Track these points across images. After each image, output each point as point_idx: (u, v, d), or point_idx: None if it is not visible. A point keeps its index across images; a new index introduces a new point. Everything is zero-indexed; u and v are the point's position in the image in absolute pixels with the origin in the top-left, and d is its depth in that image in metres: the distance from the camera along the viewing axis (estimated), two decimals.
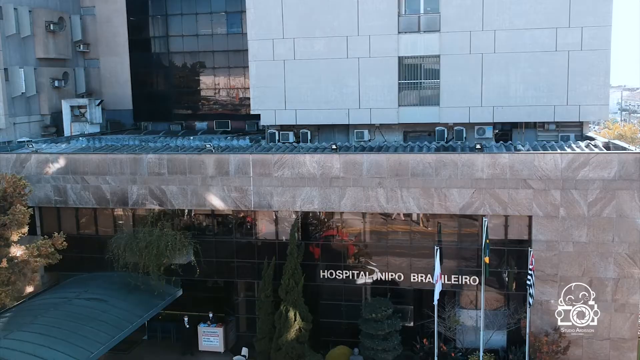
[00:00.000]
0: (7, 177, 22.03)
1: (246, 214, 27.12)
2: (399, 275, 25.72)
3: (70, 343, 21.48)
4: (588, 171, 23.29)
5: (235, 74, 37.76)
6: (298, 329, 24.92)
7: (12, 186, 21.53)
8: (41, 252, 21.43)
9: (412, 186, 24.67)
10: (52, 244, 21.89)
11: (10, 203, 21.45)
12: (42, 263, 22.09)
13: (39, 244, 21.80)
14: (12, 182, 21.66)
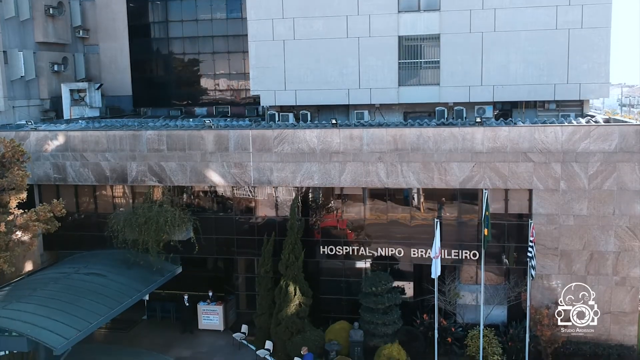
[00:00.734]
0: (6, 141, 21.93)
1: (246, 191, 26.99)
2: (399, 251, 25.63)
3: (69, 314, 21.39)
4: (589, 144, 23.23)
5: (235, 59, 37.58)
6: (298, 303, 24.83)
7: (10, 151, 21.43)
8: (40, 217, 21.32)
9: (412, 160, 24.61)
10: (50, 209, 21.76)
11: (8, 169, 21.34)
12: (41, 228, 21.91)
13: (38, 209, 21.72)
14: (11, 147, 21.56)
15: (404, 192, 25.64)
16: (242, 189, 26.84)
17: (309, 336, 24.65)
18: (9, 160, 21.36)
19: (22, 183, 21.43)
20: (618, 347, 23.62)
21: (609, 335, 23.98)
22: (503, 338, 24.11)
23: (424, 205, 25.53)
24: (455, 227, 25.18)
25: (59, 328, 20.34)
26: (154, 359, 25.77)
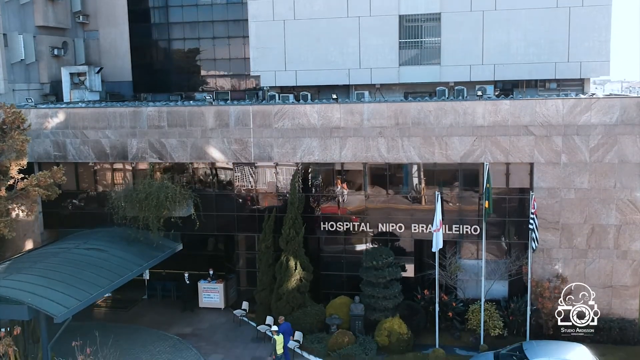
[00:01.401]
0: (5, 107, 21.86)
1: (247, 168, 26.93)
2: (399, 226, 25.58)
3: (70, 285, 21.34)
4: (590, 116, 23.20)
5: (235, 44, 37.48)
6: (299, 278, 24.79)
7: (11, 117, 21.37)
8: (40, 182, 21.24)
9: (413, 135, 24.57)
10: (51, 175, 21.70)
11: (7, 134, 21.21)
12: (41, 194, 21.79)
13: (39, 174, 21.67)
14: (11, 112, 21.49)
15: (404, 167, 25.53)
16: (243, 165, 26.73)
17: (310, 311, 24.61)
18: (10, 126, 21.28)
19: (23, 148, 21.37)
20: (619, 320, 23.56)
21: (610, 309, 23.92)
22: (504, 312, 24.07)
23: (425, 181, 25.42)
24: (456, 201, 25.10)
25: (59, 297, 20.28)
26: (154, 336, 25.68)
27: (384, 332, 23.07)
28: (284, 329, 22.53)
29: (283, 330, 22.31)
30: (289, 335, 22.69)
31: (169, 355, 23.99)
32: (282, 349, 21.50)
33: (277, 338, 21.41)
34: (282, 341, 21.51)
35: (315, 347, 23.32)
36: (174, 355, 23.98)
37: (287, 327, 22.95)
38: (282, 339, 21.61)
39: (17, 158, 21.35)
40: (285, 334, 22.14)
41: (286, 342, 22.18)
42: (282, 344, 21.50)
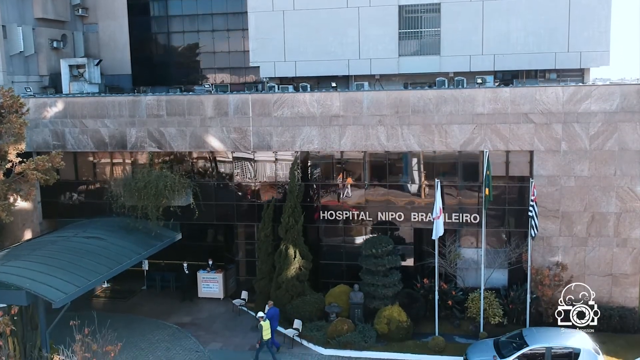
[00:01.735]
0: (3, 90, 21.76)
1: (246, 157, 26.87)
2: (399, 215, 25.51)
3: (68, 272, 21.26)
4: (590, 104, 23.14)
5: (234, 37, 37.40)
6: (298, 267, 24.72)
7: (9, 100, 21.27)
8: (38, 166, 21.15)
9: (413, 123, 24.51)
10: (49, 159, 21.61)
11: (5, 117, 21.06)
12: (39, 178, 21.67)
13: (37, 158, 21.60)
14: (9, 96, 21.39)
15: (404, 156, 25.44)
16: (243, 154, 26.66)
17: (309, 299, 24.55)
18: (8, 110, 21.18)
19: (21, 132, 21.29)
20: (619, 309, 23.48)
21: (610, 297, 23.87)
22: (504, 301, 24.00)
23: (425, 169, 25.34)
24: (455, 190, 25.03)
25: (57, 283, 20.21)
26: (153, 325, 25.62)
27: (384, 320, 23.00)
28: (272, 314, 22.58)
29: (270, 315, 22.39)
30: (277, 321, 22.83)
31: (168, 344, 23.94)
32: (270, 334, 21.57)
33: (264, 324, 21.45)
34: (268, 327, 21.50)
35: (315, 335, 23.25)
36: (173, 344, 23.93)
37: (275, 312, 23.01)
38: (269, 325, 21.61)
39: (15, 142, 21.27)
40: (272, 319, 22.29)
41: (274, 327, 22.35)
42: (269, 330, 21.53)
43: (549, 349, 19.63)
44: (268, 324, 21.57)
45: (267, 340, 21.54)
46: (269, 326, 21.58)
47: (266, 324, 21.51)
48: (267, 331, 21.47)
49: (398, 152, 25.10)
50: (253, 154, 26.45)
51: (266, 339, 21.51)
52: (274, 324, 22.43)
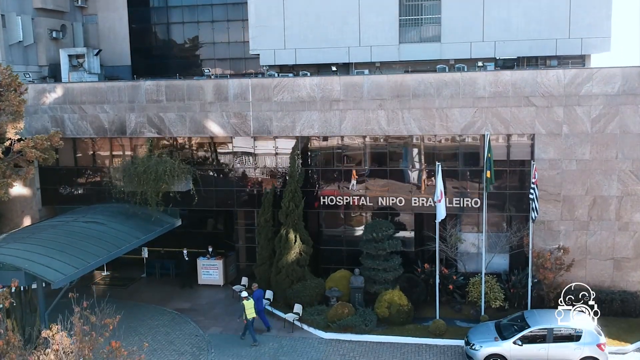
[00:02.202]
0: (1, 68, 21.62)
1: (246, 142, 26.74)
2: (399, 200, 25.40)
3: (67, 254, 21.18)
4: (591, 86, 23.04)
5: (234, 27, 37.32)
6: (298, 252, 24.61)
7: (7, 78, 21.13)
8: (37, 145, 21.03)
9: (413, 107, 24.41)
10: (48, 138, 21.48)
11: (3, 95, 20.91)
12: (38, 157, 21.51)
13: (36, 137, 21.47)
14: (8, 74, 21.25)
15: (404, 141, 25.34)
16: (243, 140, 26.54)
17: (309, 284, 24.43)
18: (6, 88, 21.04)
19: (19, 109, 21.14)
20: (621, 293, 23.37)
21: (612, 281, 23.76)
22: (505, 285, 23.87)
23: (425, 154, 25.22)
24: (456, 174, 24.92)
25: (56, 265, 20.13)
26: (152, 311, 25.50)
27: (384, 303, 22.89)
28: (257, 295, 22.89)
29: (256, 297, 22.71)
30: (262, 302, 23.10)
31: (167, 329, 23.83)
32: (253, 313, 21.99)
33: (246, 303, 21.80)
34: (251, 306, 21.90)
35: (315, 319, 23.13)
36: (173, 329, 23.82)
37: (260, 294, 23.21)
38: (252, 304, 21.98)
39: (14, 120, 21.14)
40: (258, 300, 22.65)
41: (259, 307, 22.72)
42: (252, 309, 21.93)
43: (550, 329, 19.51)
44: (251, 303, 21.94)
45: (251, 319, 21.90)
46: (252, 305, 21.94)
47: (249, 303, 21.86)
48: (250, 310, 21.85)
49: (399, 137, 24.95)
50: (253, 140, 26.28)
51: (250, 317, 21.85)
52: (260, 304, 22.75)
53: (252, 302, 21.99)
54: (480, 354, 19.76)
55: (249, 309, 21.82)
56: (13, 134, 21.10)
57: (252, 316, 21.89)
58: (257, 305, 22.40)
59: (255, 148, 26.53)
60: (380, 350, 21.57)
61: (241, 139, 26.30)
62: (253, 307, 21.95)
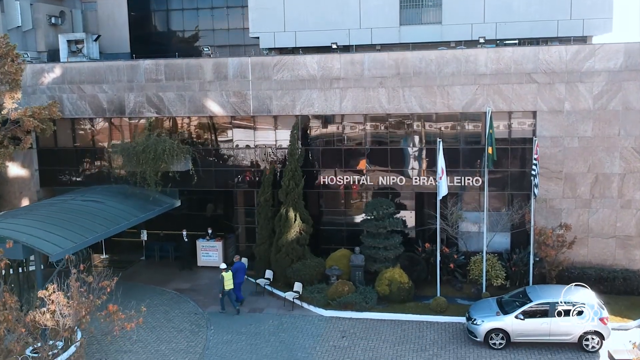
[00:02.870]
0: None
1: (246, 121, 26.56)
2: (400, 179, 25.22)
3: (66, 229, 20.99)
4: (593, 63, 22.87)
5: (233, 14, 37.13)
6: (298, 230, 24.43)
7: (3, 47, 20.93)
8: (35, 114, 20.82)
9: (414, 85, 24.23)
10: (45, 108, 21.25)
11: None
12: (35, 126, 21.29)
13: (34, 107, 21.24)
14: (5, 43, 21.03)
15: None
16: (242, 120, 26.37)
17: (310, 263, 24.26)
18: (2, 56, 20.79)
19: (17, 78, 20.91)
20: (623, 271, 23.19)
21: (614, 259, 23.58)
22: (506, 264, 23.69)
23: (426, 132, 25.05)
24: (457, 152, 24.73)
25: (54, 239, 19.93)
26: (151, 292, 25.33)
27: (385, 281, 22.71)
28: (237, 267, 23.17)
29: (235, 269, 23.04)
30: (243, 274, 23.47)
31: (167, 307, 23.68)
32: (231, 285, 22.47)
33: (225, 275, 22.37)
34: (230, 278, 22.39)
35: (315, 297, 22.96)
36: (172, 307, 23.67)
37: (241, 266, 23.44)
38: (230, 275, 22.46)
39: (11, 90, 20.91)
40: (238, 272, 23.06)
41: (240, 280, 23.15)
42: (231, 281, 22.39)
43: (552, 304, 19.31)
44: (230, 275, 22.45)
45: (228, 290, 22.41)
46: (230, 277, 22.45)
47: (227, 274, 22.40)
48: (228, 282, 22.36)
49: (399, 115, 24.77)
50: (253, 119, 26.11)
51: (227, 289, 22.36)
52: (240, 277, 23.12)
53: (230, 274, 22.52)
54: (482, 328, 19.57)
55: (227, 280, 22.34)
56: (11, 104, 20.88)
57: (229, 287, 22.40)
58: (237, 278, 22.88)
59: (255, 128, 26.29)
60: (381, 327, 21.39)
61: (241, 118, 26.07)
62: (231, 279, 22.46)
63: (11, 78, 20.46)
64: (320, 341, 20.47)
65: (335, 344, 20.23)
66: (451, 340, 20.36)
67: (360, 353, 19.60)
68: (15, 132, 21.02)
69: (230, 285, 22.42)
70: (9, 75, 20.34)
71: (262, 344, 20.45)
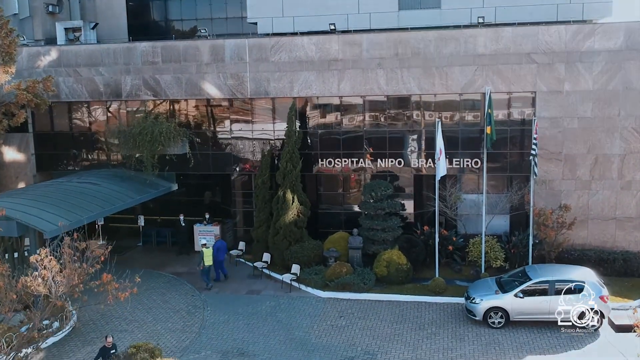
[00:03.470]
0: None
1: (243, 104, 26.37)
2: (399, 162, 25.03)
3: (61, 208, 20.85)
4: (593, 42, 22.69)
5: (232, 3, 36.84)
6: (296, 213, 24.24)
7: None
8: (29, 88, 20.60)
9: (413, 66, 24.06)
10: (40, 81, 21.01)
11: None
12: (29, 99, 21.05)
13: (28, 80, 21.02)
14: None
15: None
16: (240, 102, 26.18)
17: (307, 245, 24.09)
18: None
19: (10, 51, 20.69)
20: (623, 252, 23.00)
21: (614, 241, 23.40)
22: (506, 246, 23.49)
23: (424, 113, 24.85)
24: (456, 134, 24.55)
25: (49, 217, 19.77)
26: (148, 275, 24.93)
27: (383, 263, 22.54)
28: (218, 246, 23.84)
29: (217, 247, 23.70)
30: (224, 252, 24.10)
31: (163, 290, 23.52)
32: (211, 261, 23.15)
33: (205, 250, 22.98)
34: (209, 254, 23.05)
35: (313, 279, 22.77)
36: (169, 289, 23.52)
37: (222, 245, 24.14)
38: (210, 252, 23.13)
39: (6, 64, 20.69)
40: (219, 250, 23.72)
41: (221, 258, 23.73)
42: (210, 257, 23.07)
43: (552, 282, 19.12)
44: (210, 252, 23.11)
45: (208, 266, 23.09)
46: (210, 253, 23.11)
47: (207, 251, 23.03)
48: (207, 258, 23.02)
49: (398, 96, 24.58)
50: (250, 102, 25.92)
51: (207, 264, 23.03)
52: (220, 255, 23.69)
53: (210, 250, 23.15)
54: (481, 307, 19.39)
55: (207, 256, 22.91)
56: (4, 78, 20.67)
57: (209, 264, 23.03)
58: (218, 256, 23.52)
59: (252, 111, 26.10)
60: (379, 308, 21.22)
61: (239, 101, 25.89)
62: (211, 255, 23.07)
63: (5, 51, 20.25)
64: (318, 321, 20.29)
65: (333, 324, 20.05)
66: (450, 319, 20.18)
67: (358, 332, 19.42)
68: (9, 108, 20.77)
69: (210, 261, 23.07)
70: (2, 48, 20.12)
71: (259, 323, 20.27)
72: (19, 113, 21.42)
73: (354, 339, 18.89)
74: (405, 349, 18.23)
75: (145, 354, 14.38)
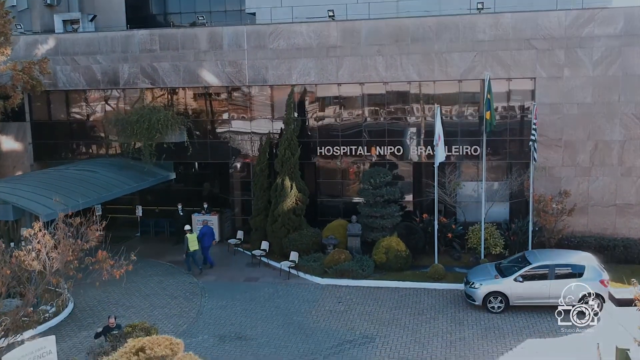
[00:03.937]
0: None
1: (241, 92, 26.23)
2: (397, 149, 24.88)
3: (58, 194, 20.53)
4: (593, 28, 22.57)
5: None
6: (294, 200, 24.08)
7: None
8: (25, 69, 20.44)
9: (412, 52, 23.93)
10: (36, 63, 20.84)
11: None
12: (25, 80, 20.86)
13: (24, 61, 20.87)
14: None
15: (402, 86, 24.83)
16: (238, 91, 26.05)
17: (306, 233, 23.95)
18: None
19: (5, 30, 20.51)
20: (624, 239, 22.86)
21: (614, 228, 23.26)
22: (505, 233, 23.34)
23: (423, 100, 24.71)
24: (455, 121, 24.42)
25: (45, 201, 19.62)
26: (145, 264, 24.89)
27: (382, 249, 22.39)
28: (204, 232, 23.89)
29: (202, 233, 23.80)
30: (211, 238, 24.12)
31: (161, 277, 23.39)
32: (196, 246, 23.22)
33: (189, 236, 23.09)
34: (194, 239, 23.17)
35: (311, 266, 22.63)
36: (166, 277, 23.39)
37: (208, 230, 24.12)
38: (195, 237, 23.27)
39: (1, 45, 20.54)
40: (206, 236, 23.79)
41: (208, 244, 23.87)
42: (195, 242, 23.17)
43: (552, 266, 18.98)
44: (194, 237, 23.24)
45: (193, 251, 23.14)
46: (194, 239, 23.23)
47: (192, 236, 23.16)
48: (192, 243, 23.08)
49: (397, 83, 24.44)
50: (249, 89, 25.78)
51: (192, 250, 23.07)
52: (207, 242, 23.80)
53: (195, 235, 23.32)
54: (480, 292, 19.24)
55: (192, 241, 23.00)
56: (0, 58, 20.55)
57: (194, 249, 23.08)
58: (204, 242, 23.66)
59: (250, 98, 25.96)
60: (378, 294, 21.07)
61: (236, 88, 25.75)
62: (196, 240, 23.17)
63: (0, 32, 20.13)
64: (316, 306, 20.15)
65: (332, 309, 19.91)
66: (449, 305, 20.04)
67: (356, 316, 19.29)
68: (5, 90, 20.62)
69: (196, 246, 23.09)
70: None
71: (257, 308, 20.14)
72: (14, 95, 21.24)
73: (352, 324, 18.75)
74: (404, 332, 18.08)
75: (141, 332, 14.23)
